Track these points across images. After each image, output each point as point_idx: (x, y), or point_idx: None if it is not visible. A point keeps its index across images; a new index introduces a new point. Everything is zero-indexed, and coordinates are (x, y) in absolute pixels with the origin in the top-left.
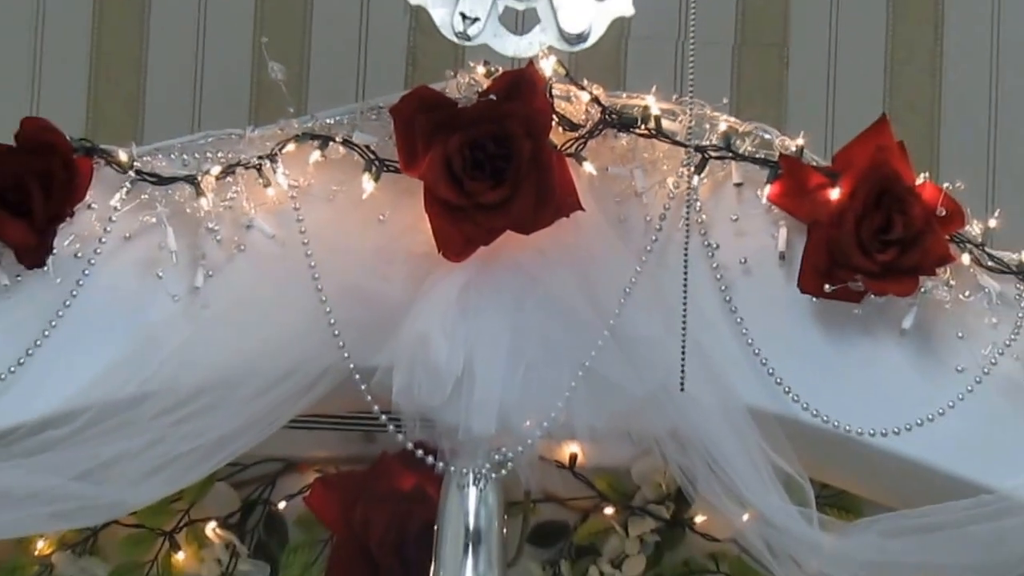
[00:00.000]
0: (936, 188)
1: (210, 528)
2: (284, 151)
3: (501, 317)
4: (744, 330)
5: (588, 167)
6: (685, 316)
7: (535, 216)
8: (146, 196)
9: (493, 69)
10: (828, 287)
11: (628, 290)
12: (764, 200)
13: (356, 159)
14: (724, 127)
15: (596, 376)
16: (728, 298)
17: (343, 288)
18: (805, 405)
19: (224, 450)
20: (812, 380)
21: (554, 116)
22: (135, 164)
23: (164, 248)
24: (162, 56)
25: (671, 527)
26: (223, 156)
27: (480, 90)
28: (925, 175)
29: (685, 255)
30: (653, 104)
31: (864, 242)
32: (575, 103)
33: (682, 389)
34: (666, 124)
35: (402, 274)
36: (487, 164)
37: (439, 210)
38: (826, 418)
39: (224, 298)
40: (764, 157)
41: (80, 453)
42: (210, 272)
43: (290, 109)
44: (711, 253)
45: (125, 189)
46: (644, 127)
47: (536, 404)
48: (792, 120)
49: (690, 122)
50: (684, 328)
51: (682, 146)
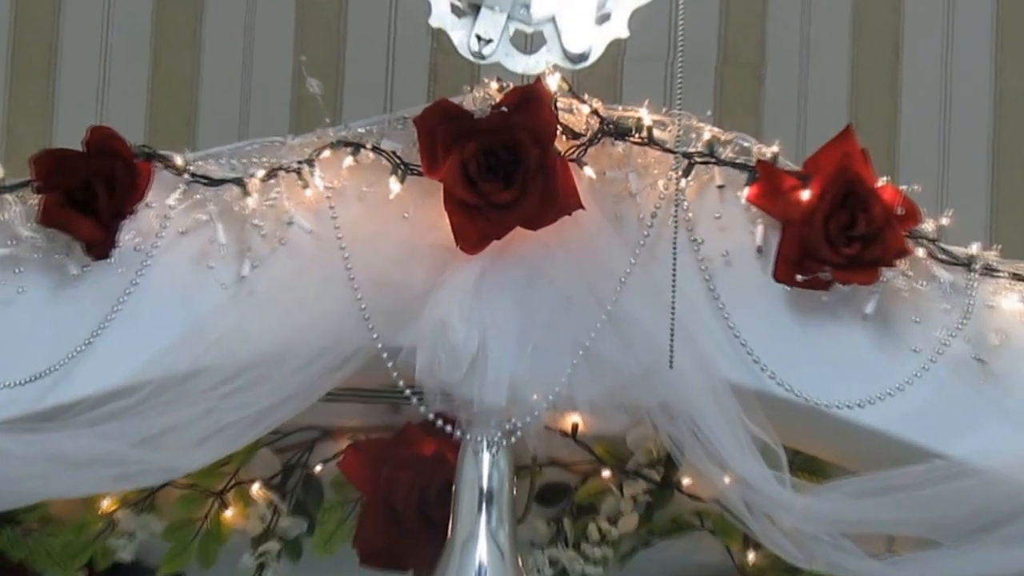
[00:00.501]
0: (895, 190)
1: (255, 489)
2: (320, 156)
3: (511, 303)
4: (725, 315)
5: (588, 171)
6: (673, 302)
7: (541, 214)
8: (199, 196)
9: (505, 85)
10: (800, 277)
11: (623, 279)
12: (743, 200)
13: (384, 163)
14: (708, 136)
15: (595, 355)
16: (712, 287)
17: (372, 277)
18: (779, 381)
19: (267, 420)
20: (785, 359)
21: (558, 126)
22: (189, 168)
23: (214, 242)
24: (213, 73)
25: (661, 488)
26: (267, 161)
27: (493, 103)
28: (885, 178)
29: (674, 249)
30: (645, 116)
31: (831, 237)
32: (577, 115)
33: (671, 366)
34: (657, 133)
35: (424, 265)
36: (499, 168)
37: (457, 209)
38: (798, 392)
39: (267, 286)
40: (743, 162)
41: (140, 422)
42: (255, 263)
43: (326, 119)
44: (696, 247)
45: (180, 190)
46: (637, 136)
47: (542, 380)
48: (767, 130)
49: (678, 132)
50: (673, 313)
51: (671, 153)
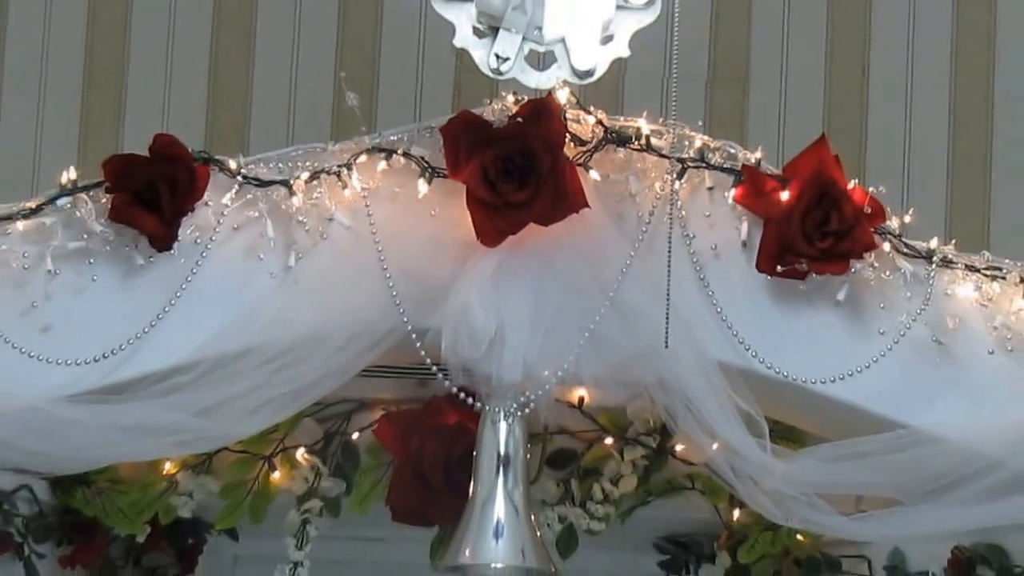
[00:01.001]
0: (863, 191)
1: (299, 453)
2: (357, 161)
3: (525, 291)
4: (714, 301)
5: (593, 174)
6: (668, 290)
7: (552, 212)
8: (250, 196)
9: (520, 98)
10: (780, 268)
11: (624, 270)
12: (730, 200)
13: (413, 167)
14: (699, 143)
15: (599, 337)
16: (702, 277)
17: (403, 268)
18: (761, 360)
19: (309, 394)
20: (767, 340)
21: (567, 134)
22: (242, 171)
23: (264, 236)
24: (263, 87)
25: (657, 454)
26: (310, 165)
27: (510, 114)
28: (855, 181)
29: (669, 243)
30: (644, 125)
31: (807, 233)
32: (583, 124)
33: (666, 347)
34: (654, 141)
35: (449, 257)
36: (515, 172)
37: (477, 207)
38: (777, 370)
39: (310, 275)
40: (730, 167)
41: (198, 395)
42: (299, 255)
43: (362, 128)
44: (689, 242)
45: (234, 190)
46: (637, 143)
47: (552, 358)
48: (751, 138)
49: (672, 139)
50: (668, 300)
51: (666, 158)
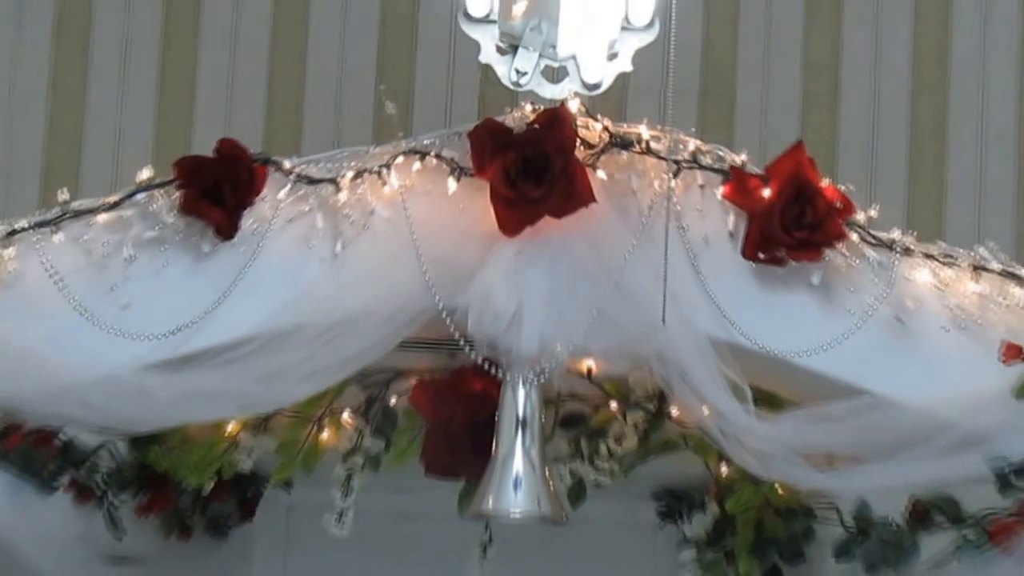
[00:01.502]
0: (835, 189)
1: (345, 416)
2: (396, 162)
3: (541, 274)
4: (705, 284)
5: (600, 174)
6: (665, 275)
7: (564, 206)
8: (302, 192)
9: (537, 107)
10: (762, 255)
11: (627, 257)
12: (719, 197)
13: (444, 167)
14: (692, 147)
15: (605, 315)
16: (695, 263)
17: (434, 254)
18: (746, 335)
19: (353, 364)
20: (751, 318)
21: (577, 139)
22: (295, 170)
23: (314, 227)
24: (314, 97)
25: (656, 417)
26: (354, 165)
27: (528, 122)
28: (827, 180)
29: (666, 234)
30: (644, 131)
31: (786, 225)
32: (591, 130)
33: (663, 324)
34: (653, 145)
35: (475, 245)
36: (532, 172)
37: (500, 202)
38: (760, 344)
39: (354, 261)
40: (719, 167)
41: (256, 365)
42: (345, 243)
43: (399, 134)
44: (683, 232)
45: (288, 187)
46: (638, 147)
47: (564, 334)
48: (737, 143)
49: (669, 144)
50: (665, 283)
51: (664, 160)
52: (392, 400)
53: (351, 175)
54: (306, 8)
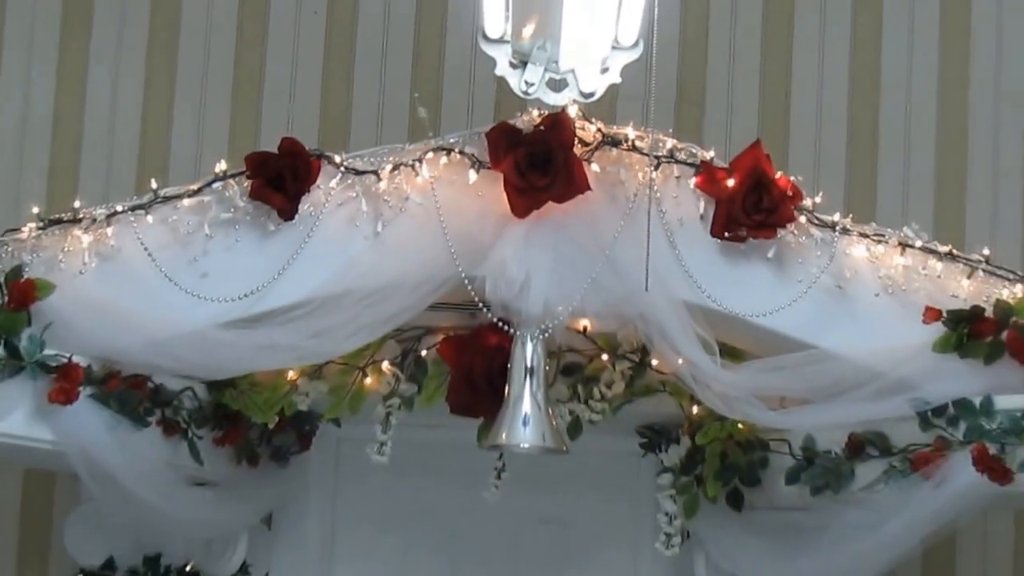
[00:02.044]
0: (787, 180)
1: (384, 365)
2: (427, 157)
3: (545, 249)
4: (680, 258)
5: (594, 167)
6: (648, 250)
7: (565, 193)
8: (349, 181)
9: (542, 112)
10: (727, 234)
11: (616, 236)
12: (692, 186)
13: (466, 161)
14: (670, 145)
15: (598, 283)
16: (672, 240)
17: (459, 233)
18: (714, 299)
19: (392, 322)
20: (717, 285)
21: (576, 138)
22: (344, 163)
23: (359, 210)
24: (360, 104)
25: (639, 366)
26: (392, 159)
27: (535, 124)
28: (780, 172)
29: (648, 216)
30: (630, 132)
31: (746, 209)
32: (587, 131)
33: (646, 290)
34: (638, 143)
35: (491, 225)
36: (538, 165)
37: (512, 190)
38: (725, 307)
39: (393, 238)
40: (692, 162)
41: (312, 323)
42: (385, 224)
43: (429, 134)
44: (662, 215)
45: (338, 177)
46: (625, 145)
47: (564, 298)
48: (706, 142)
49: (651, 142)
50: (648, 257)
51: (646, 155)
52: (423, 352)
53: (390, 167)
54: (353, 34)
